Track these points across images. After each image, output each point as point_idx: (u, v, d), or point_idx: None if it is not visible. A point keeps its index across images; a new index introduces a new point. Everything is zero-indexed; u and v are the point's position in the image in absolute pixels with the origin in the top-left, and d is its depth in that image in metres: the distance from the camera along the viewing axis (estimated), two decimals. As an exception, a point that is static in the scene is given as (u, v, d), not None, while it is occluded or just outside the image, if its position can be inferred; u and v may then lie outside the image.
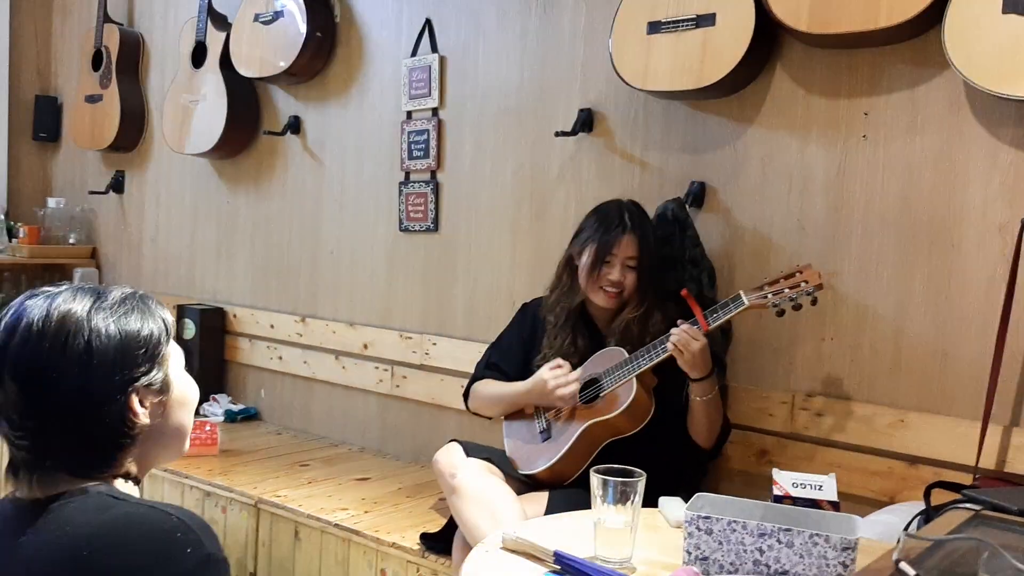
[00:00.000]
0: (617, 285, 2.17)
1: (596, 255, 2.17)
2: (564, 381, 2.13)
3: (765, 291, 2.01)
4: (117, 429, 1.09)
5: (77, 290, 1.12)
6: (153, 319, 1.14)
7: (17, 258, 4.13)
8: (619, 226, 2.18)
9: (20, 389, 1.06)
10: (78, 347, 1.06)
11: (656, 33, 2.31)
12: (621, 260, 2.17)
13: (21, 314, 1.09)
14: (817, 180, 2.24)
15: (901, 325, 2.13)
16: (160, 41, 3.99)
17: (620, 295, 2.19)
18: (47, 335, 1.06)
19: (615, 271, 2.17)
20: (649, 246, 2.21)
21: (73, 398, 1.06)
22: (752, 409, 2.33)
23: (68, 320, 1.07)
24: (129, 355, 1.10)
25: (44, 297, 1.10)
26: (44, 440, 1.07)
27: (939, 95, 2.07)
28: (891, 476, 2.12)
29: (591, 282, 2.20)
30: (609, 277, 2.17)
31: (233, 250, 3.70)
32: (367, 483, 2.79)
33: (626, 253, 2.17)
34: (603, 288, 2.19)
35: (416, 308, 3.09)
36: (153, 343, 1.12)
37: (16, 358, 1.07)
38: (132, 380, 1.10)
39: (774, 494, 1.60)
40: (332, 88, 3.31)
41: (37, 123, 4.48)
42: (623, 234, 2.17)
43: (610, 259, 2.17)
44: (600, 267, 2.18)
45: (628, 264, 2.18)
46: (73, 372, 1.06)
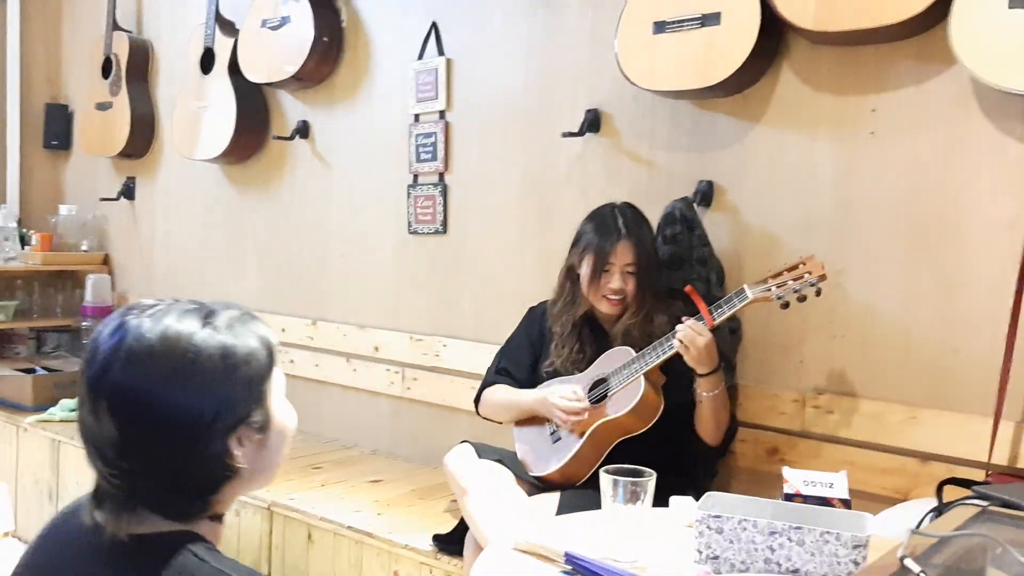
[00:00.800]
0: (619, 292, 2.18)
1: (594, 266, 2.18)
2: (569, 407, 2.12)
3: (769, 284, 2.02)
4: (215, 472, 1.03)
5: (184, 310, 1.03)
6: (259, 344, 1.06)
7: (30, 265, 4.17)
8: (614, 233, 2.18)
9: (120, 424, 0.98)
10: (182, 374, 0.99)
11: (662, 33, 2.31)
12: (620, 268, 2.18)
13: (123, 335, 0.99)
14: (825, 177, 2.24)
15: (910, 321, 2.12)
16: (169, 48, 4.01)
17: (624, 301, 2.20)
18: (149, 358, 0.98)
19: (615, 279, 2.17)
20: (646, 250, 2.21)
21: (174, 432, 0.98)
22: (762, 407, 2.33)
23: (173, 342, 0.99)
24: (233, 388, 1.02)
25: (148, 317, 1.01)
26: (137, 480, 1.00)
27: (946, 91, 2.07)
28: (903, 473, 2.11)
29: (593, 290, 2.21)
30: (610, 286, 2.18)
31: (243, 254, 3.72)
32: (379, 485, 2.81)
33: (624, 260, 2.18)
34: (606, 297, 2.19)
35: (426, 310, 3.10)
36: (259, 378, 1.05)
37: (116, 384, 0.98)
38: (237, 423, 1.02)
39: (784, 492, 1.59)
40: (340, 92, 3.32)
41: (48, 131, 4.52)
42: (618, 241, 2.17)
43: (608, 268, 2.18)
44: (600, 277, 2.18)
45: (627, 271, 2.18)
46: (175, 401, 0.98)
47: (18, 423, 3.54)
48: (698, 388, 2.09)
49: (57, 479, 3.39)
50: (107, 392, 0.98)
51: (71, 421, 3.48)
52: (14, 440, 3.59)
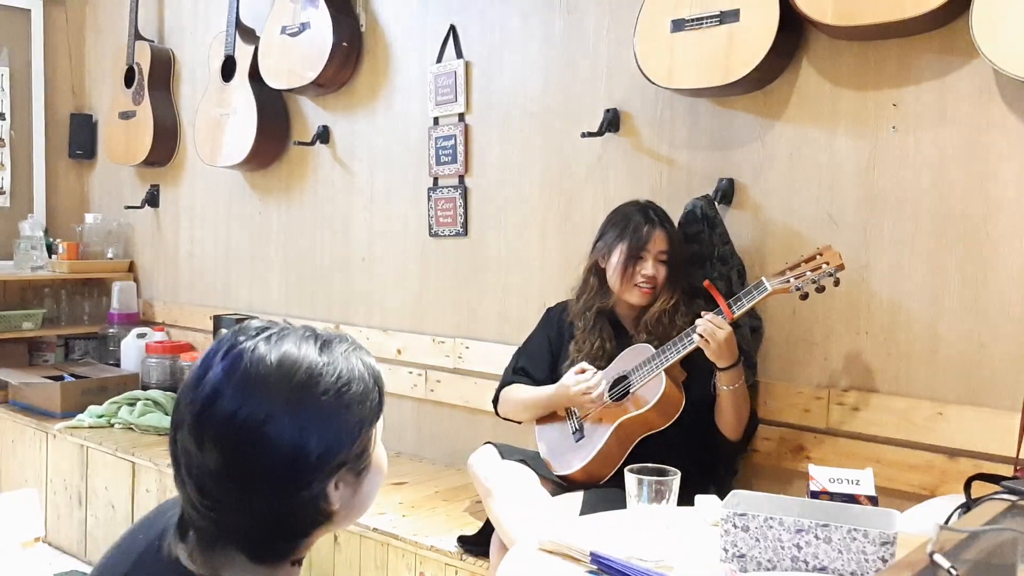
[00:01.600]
0: (651, 280, 2.19)
1: (629, 252, 2.19)
2: (587, 386, 2.14)
3: (787, 275, 2.01)
4: (311, 516, 0.97)
5: (300, 337, 0.98)
6: (372, 382, 1.01)
7: (57, 274, 4.22)
8: (648, 222, 2.21)
9: (225, 455, 0.92)
10: (300, 404, 0.93)
11: (680, 31, 2.31)
12: (654, 255, 2.20)
13: (237, 359, 0.94)
14: (847, 173, 2.23)
15: (937, 317, 2.11)
16: (190, 56, 4.05)
17: (654, 290, 2.20)
18: (267, 387, 0.92)
19: (648, 266, 2.19)
20: (677, 239, 2.25)
21: (281, 475, 0.93)
22: (787, 405, 2.32)
23: (292, 370, 0.94)
24: (346, 432, 0.97)
25: (263, 340, 0.96)
26: (232, 515, 0.94)
27: (969, 84, 2.05)
28: (930, 470, 2.09)
29: (624, 280, 2.21)
30: (644, 273, 2.19)
31: (266, 260, 3.75)
32: (404, 487, 2.81)
33: (658, 247, 2.20)
34: (638, 285, 2.20)
35: (448, 312, 3.11)
36: (369, 419, 1.00)
37: (230, 415, 0.92)
38: (342, 464, 0.97)
39: (810, 489, 1.59)
40: (360, 97, 3.34)
41: (73, 141, 4.58)
42: (654, 229, 2.20)
43: (643, 255, 2.20)
44: (634, 264, 2.19)
45: (660, 258, 2.20)
46: (289, 434, 0.92)
47: (47, 429, 3.58)
48: (718, 382, 2.09)
49: (86, 485, 3.43)
50: (217, 419, 0.92)
51: (99, 427, 3.52)
52: (44, 446, 3.63)
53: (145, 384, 3.83)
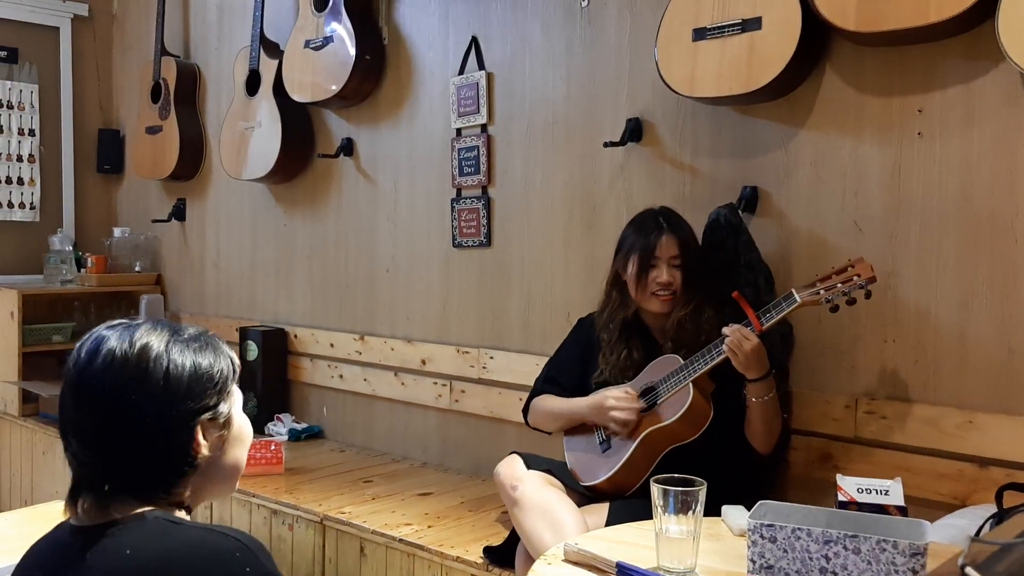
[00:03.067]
0: (667, 286, 2.18)
1: (640, 261, 2.19)
2: (624, 406, 2.14)
3: (817, 287, 2.00)
4: (180, 457, 1.14)
5: (155, 324, 1.18)
6: (223, 357, 1.20)
7: (86, 287, 4.27)
8: (656, 229, 2.21)
9: (96, 411, 1.12)
10: (156, 376, 1.12)
11: (702, 40, 2.30)
12: (666, 261, 2.19)
13: (101, 341, 1.14)
14: (872, 180, 2.21)
15: (965, 324, 2.08)
16: (215, 71, 4.10)
17: (673, 297, 2.19)
18: (128, 362, 1.12)
19: (663, 273, 2.18)
20: (690, 243, 2.23)
21: (145, 424, 1.11)
22: (815, 413, 2.30)
23: (148, 350, 1.13)
24: (200, 388, 1.15)
25: (123, 328, 1.16)
26: (110, 462, 1.12)
27: (995, 88, 2.03)
28: (961, 479, 2.07)
29: (641, 289, 2.21)
30: (658, 280, 2.18)
31: (292, 271, 3.78)
32: (430, 498, 2.82)
33: (669, 253, 2.19)
34: (655, 294, 2.19)
35: (472, 323, 3.12)
36: (221, 379, 1.18)
37: (96, 382, 1.12)
38: (200, 411, 1.15)
39: (839, 500, 1.57)
40: (383, 109, 3.36)
41: (101, 156, 4.64)
42: (662, 235, 2.20)
43: (655, 262, 2.19)
44: (647, 272, 2.19)
45: (673, 264, 2.19)
46: (148, 399, 1.12)
47: (77, 441, 3.62)
48: (748, 393, 2.08)
49: (116, 496, 3.46)
50: (87, 386, 1.13)
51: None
52: (74, 458, 3.67)
53: (173, 396, 3.86)
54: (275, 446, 3.11)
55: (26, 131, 4.43)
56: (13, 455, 4.08)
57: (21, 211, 4.43)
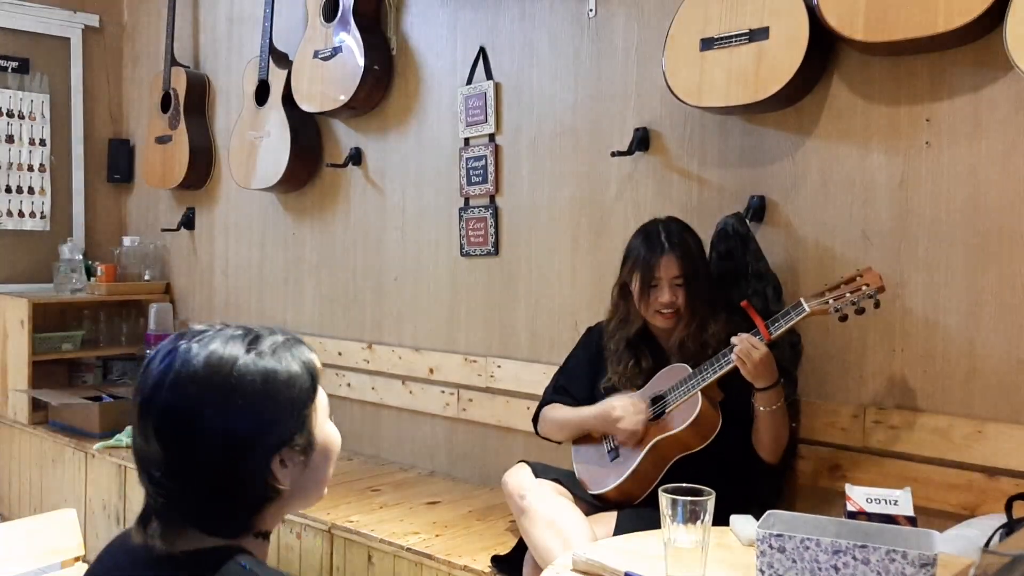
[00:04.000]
0: (670, 306, 2.18)
1: (642, 282, 2.19)
2: (631, 416, 2.14)
3: (826, 297, 2.00)
4: (258, 492, 1.06)
5: (231, 335, 1.07)
6: (302, 368, 1.09)
7: (96, 296, 4.29)
8: (658, 248, 2.19)
9: (163, 442, 1.03)
10: (225, 397, 1.03)
11: (709, 49, 2.31)
12: (667, 281, 2.18)
13: (172, 361, 1.04)
14: (880, 189, 2.21)
15: (974, 334, 2.08)
16: (225, 81, 4.12)
17: (676, 314, 2.19)
18: (194, 382, 1.03)
19: (664, 293, 2.17)
20: (692, 261, 2.21)
21: (217, 455, 1.03)
22: (822, 423, 2.30)
23: (218, 366, 1.03)
24: (275, 411, 1.06)
25: (196, 342, 1.06)
26: (183, 499, 1.04)
27: (1003, 97, 2.03)
28: (970, 489, 2.06)
29: (645, 307, 2.21)
30: (660, 300, 2.18)
31: (300, 280, 3.79)
32: (437, 507, 2.82)
33: (670, 273, 2.18)
34: (658, 311, 2.19)
35: (480, 331, 3.12)
36: (301, 402, 1.08)
37: (162, 408, 1.03)
38: (279, 444, 1.06)
39: (848, 510, 1.57)
40: (391, 119, 3.38)
41: (111, 165, 4.67)
42: (662, 256, 2.18)
43: (656, 282, 2.18)
44: (649, 292, 2.18)
45: (675, 283, 2.18)
46: (218, 423, 1.02)
47: (86, 449, 3.64)
48: (756, 403, 2.08)
49: (124, 504, 3.48)
50: (155, 414, 1.03)
51: (137, 447, 3.56)
52: (83, 466, 3.69)
53: (181, 404, 3.87)
54: (283, 455, 3.11)
55: (37, 141, 4.46)
56: (23, 463, 4.09)
57: (32, 220, 4.45)
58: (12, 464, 4.17)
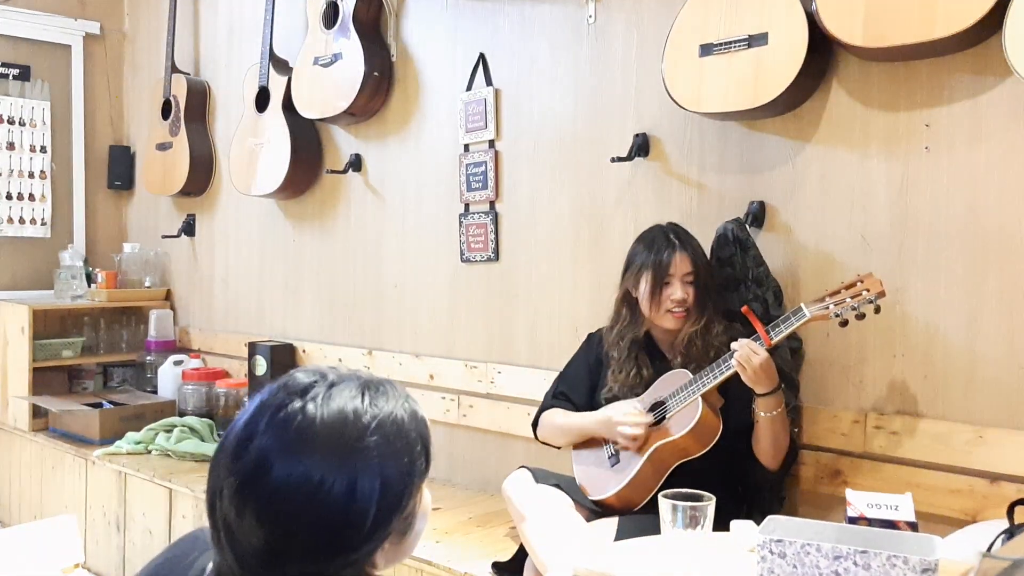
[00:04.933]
0: (681, 303, 2.18)
1: (654, 279, 2.19)
2: (633, 421, 2.14)
3: (827, 302, 2.00)
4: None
5: (351, 396, 0.93)
6: (419, 442, 0.96)
7: (96, 303, 4.29)
8: (668, 246, 2.21)
9: (267, 530, 0.87)
10: (356, 470, 0.89)
11: (708, 55, 2.31)
12: (679, 278, 2.19)
13: (285, 427, 0.89)
14: (879, 195, 2.21)
15: (974, 339, 2.08)
16: (225, 88, 4.13)
17: (686, 313, 2.19)
18: (319, 450, 0.88)
19: (676, 290, 2.18)
20: (701, 259, 2.23)
21: (329, 544, 0.88)
22: (823, 429, 2.30)
23: (348, 434, 0.89)
24: (388, 505, 0.91)
25: (312, 402, 0.91)
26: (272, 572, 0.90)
27: (1003, 103, 2.03)
28: (971, 494, 2.06)
29: (654, 307, 2.21)
30: (672, 297, 2.18)
31: (300, 286, 3.79)
32: (437, 513, 2.81)
33: (683, 270, 2.19)
34: (669, 311, 2.19)
35: (480, 338, 3.12)
36: (415, 484, 0.95)
37: (275, 489, 0.87)
38: (384, 536, 0.92)
39: (848, 515, 1.57)
40: (391, 125, 3.38)
41: (112, 172, 4.68)
42: (675, 252, 2.20)
43: (668, 279, 2.19)
44: (661, 290, 2.19)
45: (686, 280, 2.19)
46: (342, 505, 0.88)
47: (86, 456, 3.63)
48: (756, 408, 2.07)
49: (124, 510, 3.47)
50: (262, 491, 0.87)
51: (137, 453, 3.56)
52: (83, 473, 3.68)
53: (182, 411, 3.88)
54: (283, 461, 3.10)
55: (38, 148, 4.47)
56: (23, 470, 4.09)
57: (32, 227, 4.46)
58: (12, 471, 4.16)
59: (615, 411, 2.19)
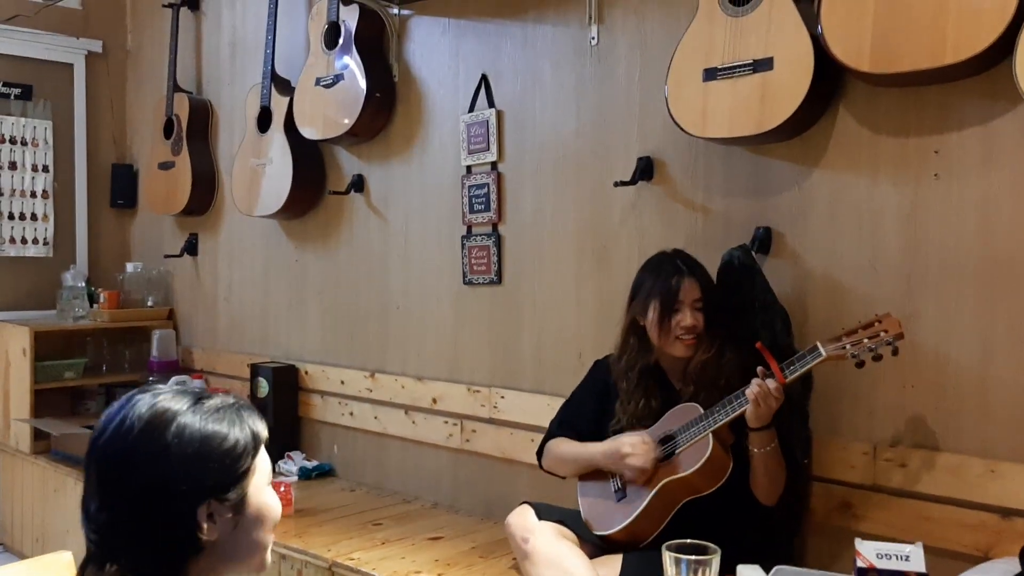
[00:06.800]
0: (692, 330, 2.14)
1: (663, 306, 2.15)
2: (641, 453, 2.10)
3: (843, 342, 1.95)
4: (183, 538, 1.09)
5: (180, 392, 1.15)
6: (243, 432, 1.14)
7: (99, 323, 4.26)
8: (677, 273, 2.17)
9: (99, 479, 1.10)
10: (159, 444, 1.09)
11: (712, 80, 2.27)
12: (689, 304, 2.15)
13: (123, 407, 1.13)
14: (888, 221, 2.17)
15: (986, 369, 2.03)
16: (228, 107, 4.11)
17: (696, 339, 2.15)
18: (135, 428, 1.10)
19: (687, 317, 2.14)
20: (710, 285, 2.20)
21: (144, 495, 1.08)
22: (832, 460, 2.25)
23: (158, 417, 1.10)
24: (207, 466, 1.10)
25: (150, 394, 1.14)
26: (112, 537, 1.10)
27: (1013, 129, 1.99)
28: (984, 529, 2.01)
29: (664, 335, 2.16)
30: (683, 324, 2.14)
31: (303, 308, 3.76)
32: (440, 542, 2.77)
33: (692, 296, 2.15)
34: (679, 337, 2.15)
35: (483, 361, 3.08)
36: (234, 457, 1.12)
37: (103, 448, 1.11)
38: (204, 492, 1.10)
39: (857, 566, 1.52)
40: (393, 146, 3.35)
41: (115, 191, 4.66)
42: (684, 278, 2.16)
43: (678, 306, 2.15)
44: (671, 317, 2.14)
45: (696, 306, 2.15)
46: (148, 468, 1.08)
47: (88, 480, 3.60)
48: (750, 444, 2.03)
49: (126, 536, 3.43)
50: (96, 453, 1.11)
51: (139, 477, 3.53)
52: (85, 497, 3.65)
53: (184, 433, 3.84)
54: (284, 487, 3.07)
55: (40, 167, 4.45)
56: (25, 493, 4.06)
57: (35, 247, 4.44)
58: (15, 493, 4.14)
59: (622, 443, 2.15)
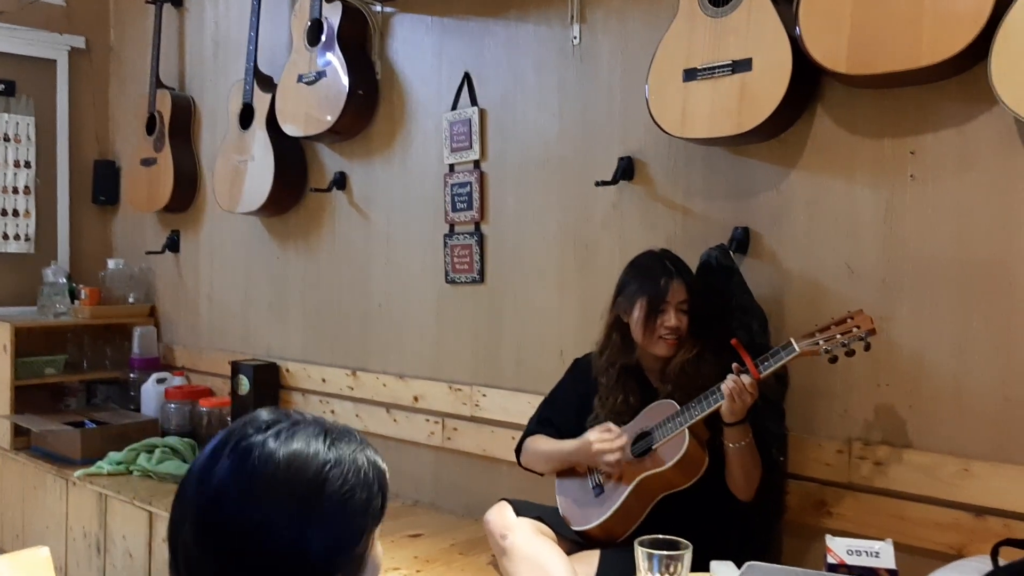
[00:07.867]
0: (675, 331, 2.15)
1: (650, 306, 2.16)
2: (609, 447, 2.10)
3: (816, 338, 1.97)
4: None
5: (312, 435, 0.96)
6: (379, 490, 0.98)
7: (80, 320, 4.24)
8: (665, 273, 2.17)
9: (222, 560, 0.91)
10: (310, 512, 0.91)
11: (692, 80, 2.29)
12: (675, 305, 2.16)
13: (244, 457, 0.92)
14: (865, 222, 2.19)
15: (961, 370, 2.05)
16: (210, 104, 4.10)
17: (678, 340, 2.16)
18: (277, 491, 0.91)
19: (671, 318, 2.15)
20: (695, 287, 2.21)
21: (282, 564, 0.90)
22: (808, 458, 2.27)
23: (305, 476, 0.91)
24: (345, 538, 0.94)
25: (274, 438, 0.94)
26: None
27: (989, 131, 2.01)
28: (957, 528, 2.03)
29: (647, 334, 2.17)
30: (667, 324, 2.15)
31: (285, 305, 3.75)
32: (420, 540, 2.78)
33: (678, 298, 2.16)
34: (662, 337, 2.16)
35: (465, 359, 3.09)
36: (371, 524, 0.97)
37: (229, 518, 0.91)
38: (338, 571, 0.94)
39: (828, 562, 1.54)
40: (375, 144, 3.35)
41: (96, 187, 4.63)
42: (672, 280, 2.17)
43: (664, 307, 2.16)
44: (656, 316, 2.15)
45: (681, 308, 2.16)
46: (291, 544, 0.90)
47: (67, 476, 3.58)
48: (725, 439, 2.04)
49: (104, 533, 3.42)
50: (219, 520, 0.91)
51: (118, 474, 3.52)
52: (64, 494, 3.64)
53: (164, 430, 3.83)
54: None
55: (22, 163, 4.43)
56: (4, 490, 4.04)
57: (16, 243, 4.41)
58: (-6, 490, 4.12)
59: (588, 435, 2.16)
